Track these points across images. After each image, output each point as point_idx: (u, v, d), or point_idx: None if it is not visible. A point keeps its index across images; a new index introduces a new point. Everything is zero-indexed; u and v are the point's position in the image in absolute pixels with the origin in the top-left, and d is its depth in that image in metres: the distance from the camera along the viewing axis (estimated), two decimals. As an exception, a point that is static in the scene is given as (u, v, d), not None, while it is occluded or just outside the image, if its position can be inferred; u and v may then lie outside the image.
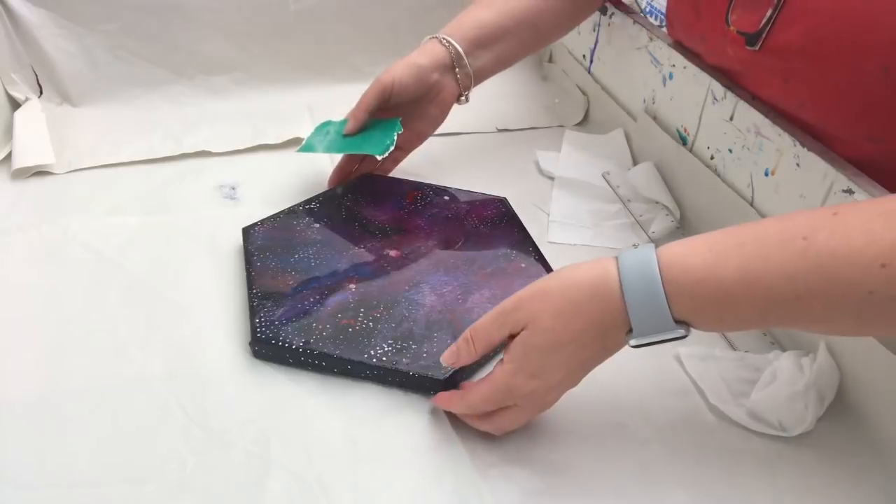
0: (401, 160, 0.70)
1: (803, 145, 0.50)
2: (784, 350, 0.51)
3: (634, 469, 0.44)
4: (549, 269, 0.57)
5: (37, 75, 0.79)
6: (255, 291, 0.53)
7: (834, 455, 0.45)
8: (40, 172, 0.71)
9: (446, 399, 0.46)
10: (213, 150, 0.75)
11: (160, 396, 0.48)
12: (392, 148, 0.62)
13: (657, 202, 0.66)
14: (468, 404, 0.44)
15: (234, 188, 0.71)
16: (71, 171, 0.72)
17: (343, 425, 0.46)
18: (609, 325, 0.40)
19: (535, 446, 0.46)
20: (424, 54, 0.64)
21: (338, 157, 0.69)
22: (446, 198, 0.66)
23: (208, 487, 0.43)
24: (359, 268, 0.56)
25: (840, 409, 0.48)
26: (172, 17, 0.81)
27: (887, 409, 0.45)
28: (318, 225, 0.61)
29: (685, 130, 0.66)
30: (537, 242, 0.60)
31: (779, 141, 0.53)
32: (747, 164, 0.57)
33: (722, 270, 0.37)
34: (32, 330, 0.53)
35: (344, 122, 0.65)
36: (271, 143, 0.77)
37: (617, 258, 0.40)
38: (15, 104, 0.79)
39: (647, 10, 0.93)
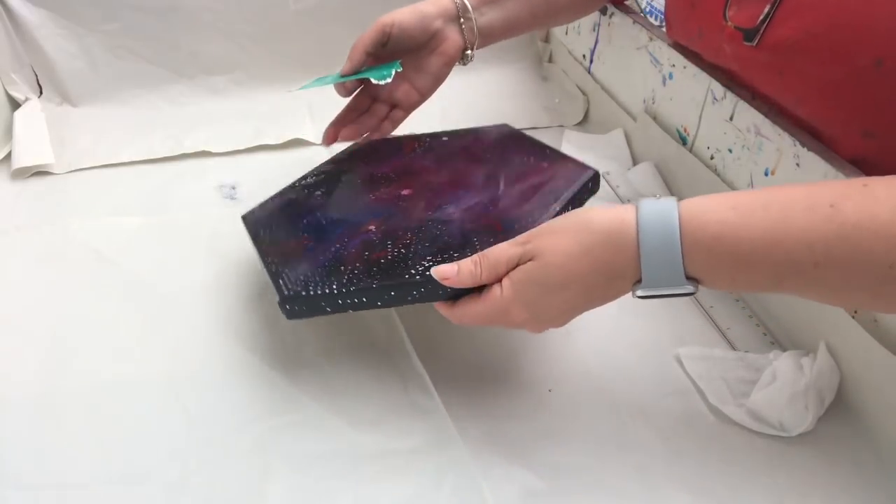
0: (400, 121, 0.66)
1: (803, 145, 0.50)
2: (784, 350, 0.51)
3: (634, 469, 0.44)
4: (576, 161, 0.54)
5: (37, 75, 0.80)
6: (270, 259, 0.50)
7: (834, 455, 0.45)
8: (40, 172, 0.71)
9: (442, 306, 0.45)
10: (213, 150, 0.75)
11: (160, 396, 0.48)
12: (394, 74, 0.58)
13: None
14: (458, 318, 0.44)
15: (234, 188, 0.70)
16: (71, 171, 0.72)
17: (343, 425, 0.46)
18: (618, 271, 0.39)
19: (535, 446, 0.46)
20: (429, 2, 0.62)
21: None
22: (445, 139, 0.63)
23: (208, 488, 0.43)
24: (374, 211, 0.53)
25: (840, 409, 0.48)
26: (172, 17, 0.81)
27: (887, 409, 0.45)
28: (319, 193, 0.58)
29: (685, 130, 0.66)
30: None
31: (779, 141, 0.53)
32: (747, 164, 0.57)
33: (742, 230, 0.36)
34: (32, 330, 0.53)
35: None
36: (271, 143, 0.77)
37: (637, 206, 0.39)
38: (15, 104, 0.79)
39: (647, 10, 0.93)
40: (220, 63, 0.85)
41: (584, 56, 0.86)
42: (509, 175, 0.54)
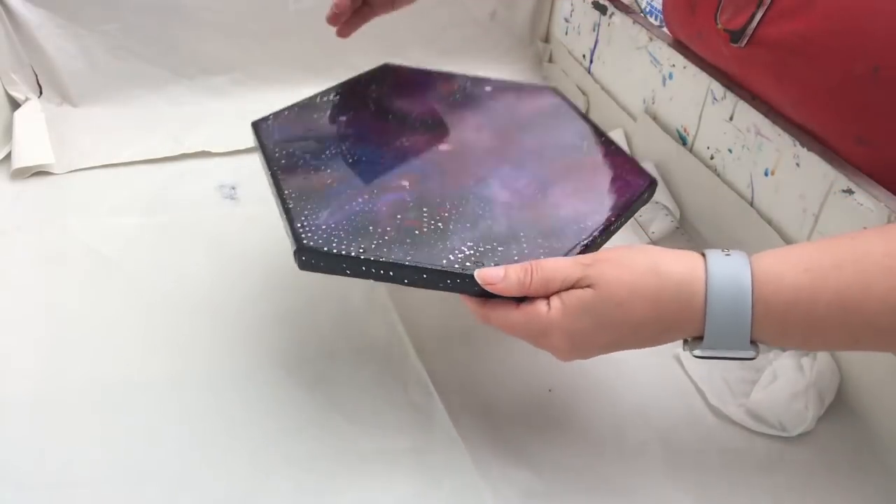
0: (370, 18, 0.60)
1: (803, 145, 0.50)
2: (784, 350, 0.51)
3: (634, 469, 0.44)
4: (635, 162, 0.50)
5: (37, 75, 0.79)
6: (286, 192, 0.45)
7: (834, 455, 0.45)
8: (40, 172, 0.71)
9: (471, 301, 0.41)
10: (213, 150, 0.75)
11: (160, 396, 0.48)
12: None
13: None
14: (486, 317, 0.40)
15: (234, 188, 0.70)
16: (71, 172, 0.72)
17: (344, 426, 0.46)
18: (675, 326, 0.37)
19: (535, 446, 0.46)
20: None
21: None
22: (487, 88, 0.58)
23: (209, 488, 0.43)
24: (408, 163, 0.48)
25: (840, 409, 0.48)
26: (172, 17, 0.80)
27: (887, 409, 0.45)
28: (343, 118, 0.53)
29: (685, 130, 0.66)
30: None
31: (779, 141, 0.53)
32: (747, 164, 0.57)
33: (817, 295, 0.34)
34: (32, 330, 0.53)
35: None
36: (271, 143, 0.77)
37: (705, 260, 0.37)
38: (15, 104, 0.79)
39: (647, 10, 0.93)
40: (220, 63, 0.85)
41: (583, 56, 0.86)
42: (561, 159, 0.49)
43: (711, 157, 0.62)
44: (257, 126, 0.52)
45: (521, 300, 0.39)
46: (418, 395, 0.48)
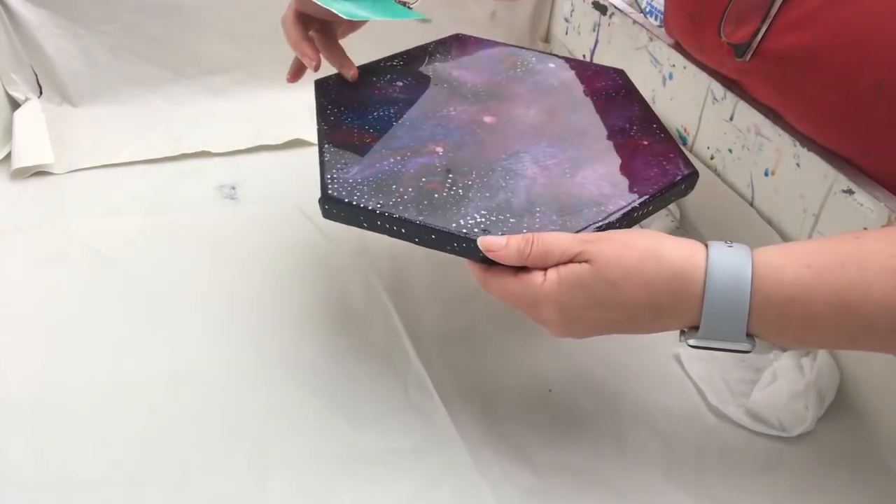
0: (358, 27, 0.61)
1: (803, 145, 0.50)
2: (784, 350, 0.51)
3: (634, 469, 0.44)
4: (680, 152, 0.49)
5: (37, 75, 0.79)
6: (326, 146, 0.47)
7: (834, 455, 0.45)
8: (40, 172, 0.71)
9: (475, 266, 0.42)
10: (213, 150, 0.75)
11: (160, 396, 0.48)
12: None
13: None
14: (485, 283, 0.41)
15: (234, 188, 0.70)
16: (71, 171, 0.72)
17: (344, 426, 0.46)
18: (671, 313, 0.37)
19: (535, 446, 0.46)
20: None
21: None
22: (552, 65, 0.58)
23: (209, 488, 0.43)
24: (448, 131, 0.49)
25: (840, 410, 0.48)
26: (172, 17, 0.80)
27: (887, 409, 0.45)
28: (400, 83, 0.54)
29: (685, 130, 0.66)
30: None
31: (779, 141, 0.53)
32: (747, 164, 0.57)
33: (816, 291, 0.34)
34: (32, 330, 0.53)
35: None
36: (271, 143, 0.77)
37: (707, 250, 0.37)
38: (15, 104, 0.79)
39: (647, 10, 0.93)
40: (220, 63, 0.85)
41: (584, 56, 0.86)
42: (603, 141, 0.49)
43: (712, 157, 0.62)
44: (319, 84, 0.54)
45: (521, 271, 0.40)
46: (418, 395, 0.48)
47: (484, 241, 0.40)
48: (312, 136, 0.78)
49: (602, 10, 0.80)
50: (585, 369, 0.51)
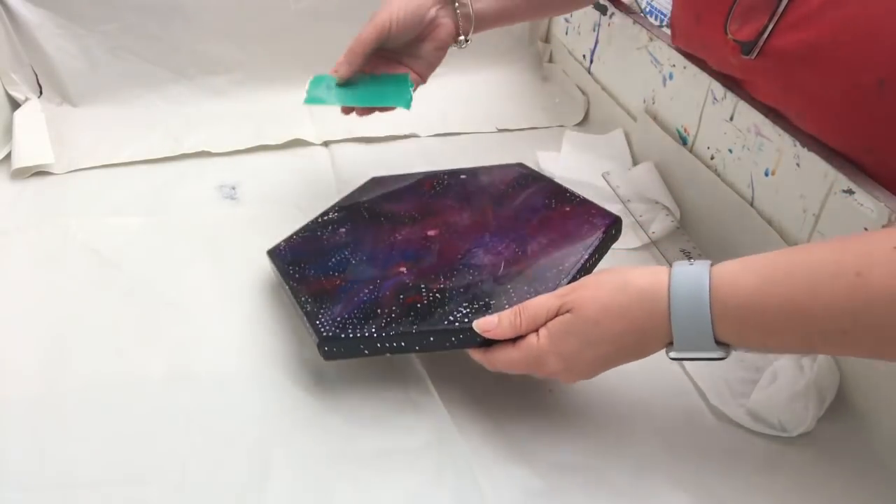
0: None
1: (803, 145, 0.50)
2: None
3: (634, 469, 0.44)
4: (598, 207, 0.55)
5: (37, 75, 0.79)
6: (304, 299, 0.50)
7: (834, 455, 0.45)
8: (40, 172, 0.71)
9: (477, 352, 0.45)
10: (213, 150, 0.75)
11: (160, 397, 0.48)
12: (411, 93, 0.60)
13: (657, 202, 0.66)
14: (492, 363, 0.44)
15: (234, 188, 0.71)
16: (71, 171, 0.72)
17: (344, 426, 0.46)
18: (650, 334, 0.40)
19: (535, 446, 0.46)
20: None
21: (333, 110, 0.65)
22: (463, 176, 0.64)
23: (208, 488, 0.43)
24: (403, 252, 0.54)
25: (840, 410, 0.48)
26: (172, 17, 0.80)
27: (887, 409, 0.45)
28: (343, 229, 0.58)
29: (685, 130, 0.66)
30: None
31: (779, 141, 0.53)
32: (747, 164, 0.57)
33: (767, 298, 0.37)
34: (33, 330, 0.53)
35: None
36: (271, 144, 0.77)
37: (671, 269, 0.40)
38: (15, 104, 0.79)
39: (648, 10, 0.93)
40: (220, 63, 0.85)
41: (584, 56, 0.86)
42: (534, 218, 0.55)
43: (712, 158, 0.62)
44: (272, 253, 0.57)
45: (518, 340, 0.43)
46: (418, 394, 0.48)
47: (479, 324, 0.44)
48: (312, 136, 0.78)
49: (602, 10, 0.80)
50: (585, 369, 0.51)
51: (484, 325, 0.44)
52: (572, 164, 0.73)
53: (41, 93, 0.80)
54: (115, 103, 0.82)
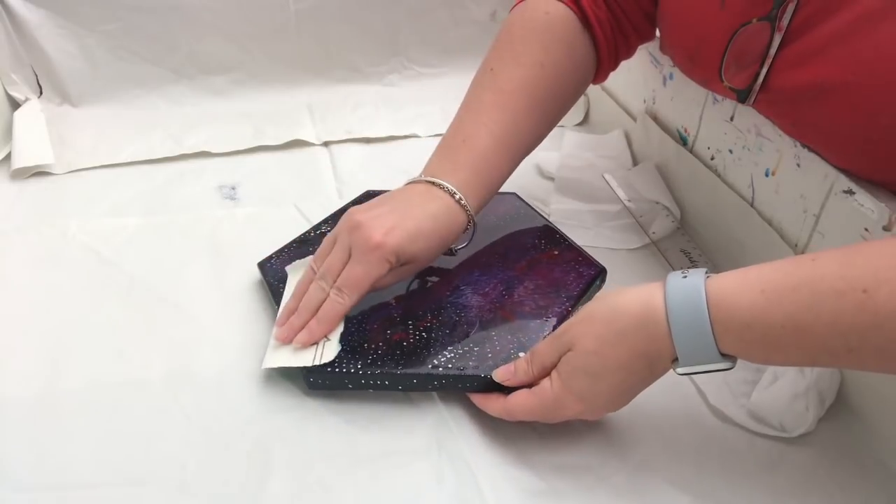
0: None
1: (804, 146, 0.50)
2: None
3: (634, 469, 0.44)
4: (585, 255, 0.56)
5: (37, 75, 0.79)
6: None
7: (834, 455, 0.45)
8: (40, 172, 0.71)
9: (483, 400, 0.46)
10: (213, 151, 0.75)
11: (160, 397, 0.48)
12: None
13: (657, 202, 0.66)
14: (509, 412, 0.44)
15: (234, 188, 0.70)
16: (71, 172, 0.72)
17: (344, 426, 0.46)
18: (655, 354, 0.40)
19: (535, 447, 0.46)
20: (431, 212, 0.50)
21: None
22: None
23: (208, 489, 0.42)
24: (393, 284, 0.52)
25: (840, 410, 0.48)
26: (172, 17, 0.81)
27: (887, 409, 0.45)
28: None
29: (685, 131, 0.66)
30: None
31: (779, 141, 0.53)
32: (748, 165, 0.57)
33: (770, 316, 0.36)
34: (32, 330, 0.53)
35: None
36: (271, 144, 0.77)
37: (664, 285, 0.39)
38: (15, 104, 0.79)
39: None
40: (220, 63, 0.85)
41: (584, 56, 0.86)
42: (522, 260, 0.56)
43: (712, 158, 0.62)
44: (262, 265, 0.57)
45: (531, 387, 0.44)
46: (418, 394, 0.48)
47: (498, 374, 0.45)
48: (312, 137, 0.78)
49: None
50: (586, 370, 0.51)
51: (502, 375, 0.45)
52: (572, 164, 0.73)
53: (41, 93, 0.80)
54: (115, 103, 0.82)
